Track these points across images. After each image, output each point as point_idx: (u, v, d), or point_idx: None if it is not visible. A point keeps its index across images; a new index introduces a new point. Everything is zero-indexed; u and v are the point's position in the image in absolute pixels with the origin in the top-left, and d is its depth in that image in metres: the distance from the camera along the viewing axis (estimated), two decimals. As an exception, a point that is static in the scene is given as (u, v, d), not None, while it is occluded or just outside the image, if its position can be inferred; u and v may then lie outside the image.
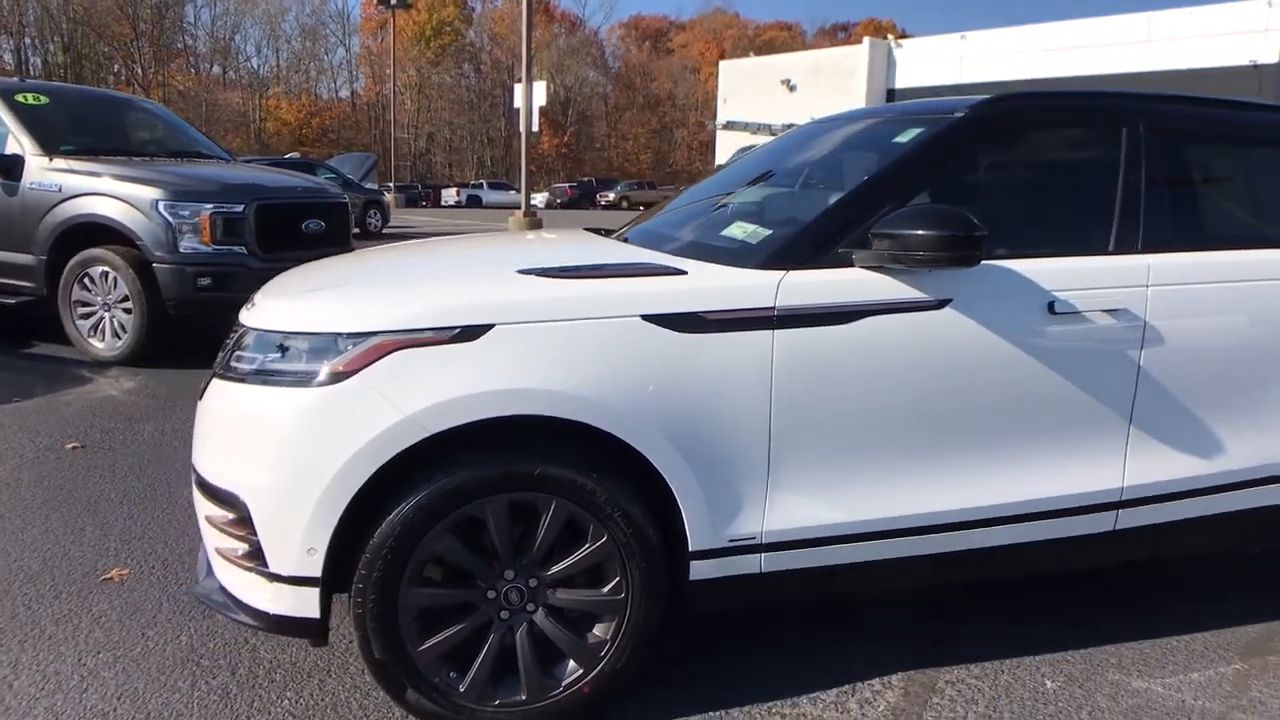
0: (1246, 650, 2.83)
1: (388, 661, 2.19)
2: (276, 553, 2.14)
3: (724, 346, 2.27)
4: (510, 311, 2.17)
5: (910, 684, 2.60)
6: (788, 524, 2.36)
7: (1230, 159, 2.85)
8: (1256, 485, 2.75)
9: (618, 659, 2.30)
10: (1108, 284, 2.53)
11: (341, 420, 2.09)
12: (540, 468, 2.17)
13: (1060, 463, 2.54)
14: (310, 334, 2.17)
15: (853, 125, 3.11)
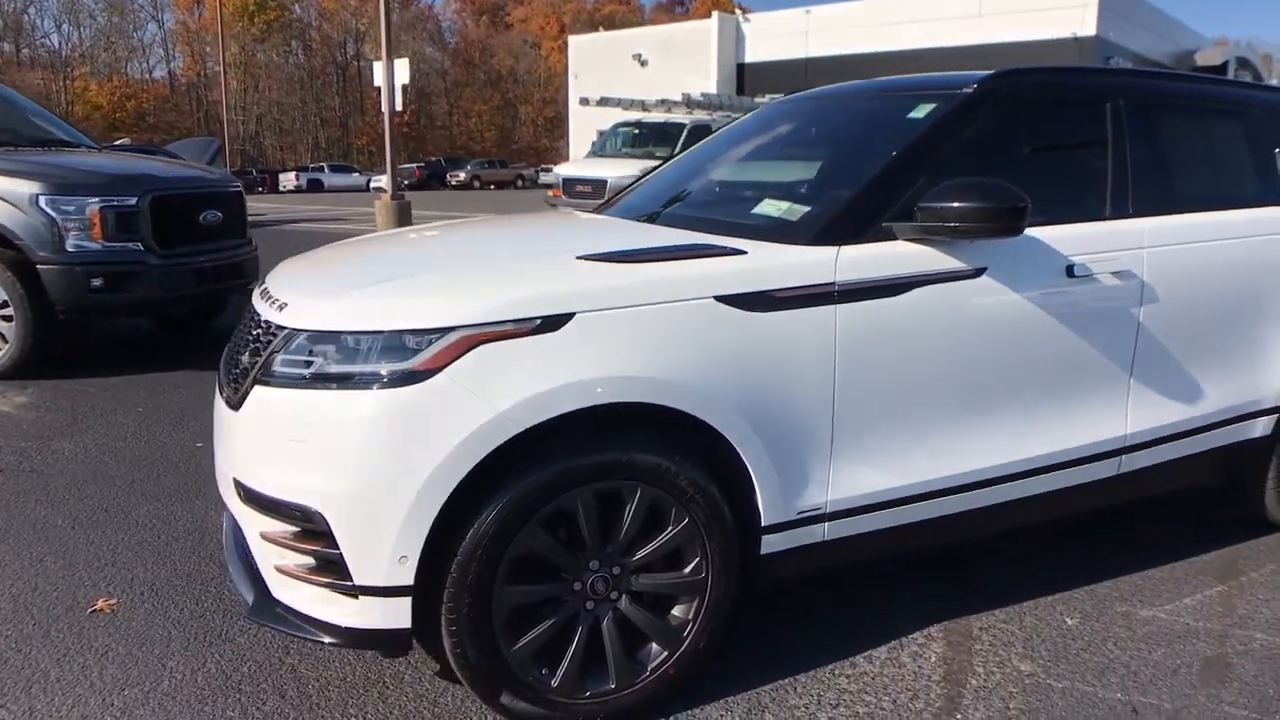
0: (1221, 574, 3.13)
1: (484, 665, 2.13)
2: (363, 564, 2.02)
3: (791, 323, 2.30)
4: (589, 299, 2.13)
5: (950, 634, 2.75)
6: (850, 492, 2.43)
7: (1196, 129, 3.11)
8: (1229, 424, 3.04)
9: (699, 638, 2.32)
10: (1114, 248, 2.72)
11: (430, 420, 1.99)
12: (628, 455, 2.15)
13: (1080, 415, 2.73)
14: (381, 332, 2.05)
15: (850, 101, 3.19)
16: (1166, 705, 2.39)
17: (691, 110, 15.70)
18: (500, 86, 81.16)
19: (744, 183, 3.17)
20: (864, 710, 2.37)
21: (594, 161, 14.90)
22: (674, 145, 14.45)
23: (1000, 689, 2.46)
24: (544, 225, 3.17)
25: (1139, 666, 2.57)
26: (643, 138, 15.22)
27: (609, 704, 2.25)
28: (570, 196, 14.49)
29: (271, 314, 2.28)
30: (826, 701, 2.41)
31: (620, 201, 3.46)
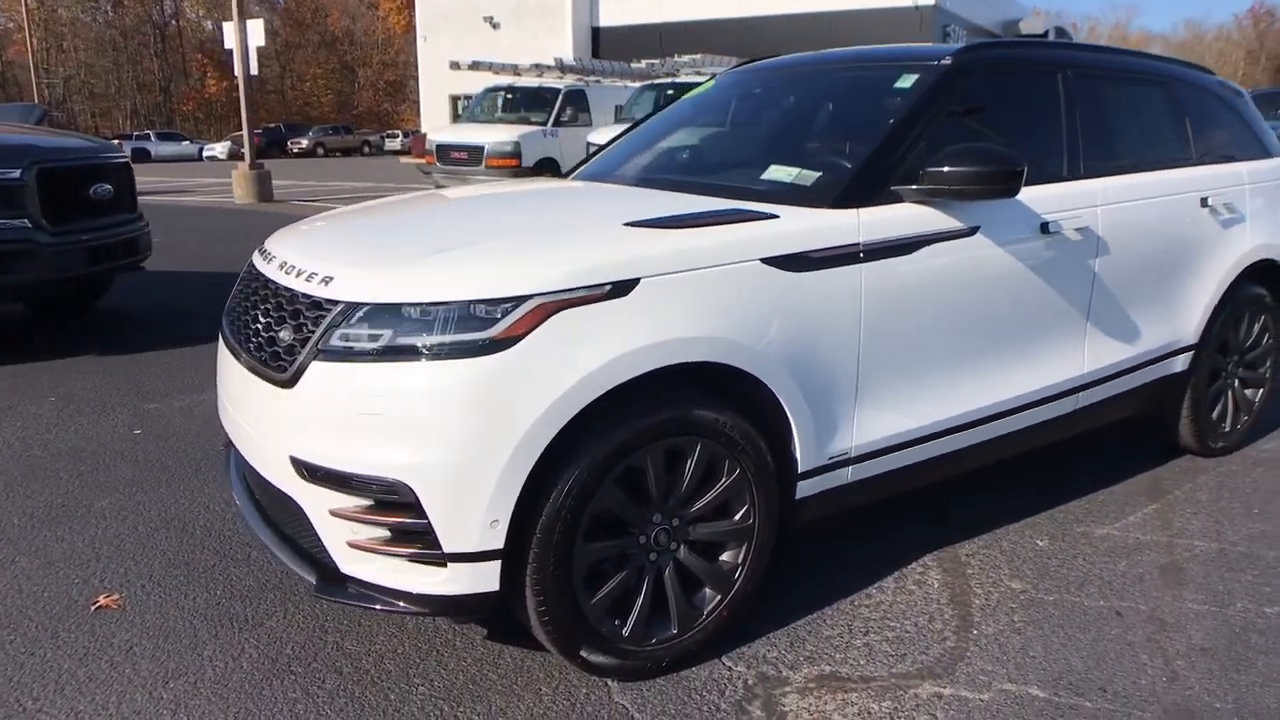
0: (1150, 494, 3.55)
1: (567, 621, 2.20)
2: (453, 531, 2.05)
3: (824, 282, 2.46)
4: (652, 264, 2.21)
5: (942, 562, 3.01)
6: (871, 436, 2.63)
7: (1128, 97, 3.45)
8: (1159, 360, 3.44)
9: (748, 581, 2.47)
10: (1076, 206, 3.02)
11: (517, 386, 2.04)
12: (689, 412, 2.26)
13: (1050, 357, 3.03)
14: (457, 302, 2.06)
15: (828, 71, 3.36)
16: (1143, 607, 2.73)
17: (564, 75, 15.59)
18: (336, 49, 77.30)
19: (738, 148, 3.29)
20: (891, 634, 2.59)
21: (468, 127, 14.60)
22: (549, 110, 14.36)
23: (1001, 606, 2.74)
24: (560, 192, 3.17)
25: (1110, 577, 2.91)
26: (515, 102, 15.01)
27: (673, 648, 2.37)
28: (445, 163, 14.19)
29: (310, 287, 2.24)
30: (857, 630, 2.61)
31: (600, 168, 3.51)
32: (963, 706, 2.28)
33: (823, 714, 2.25)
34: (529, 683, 2.35)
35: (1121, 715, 2.24)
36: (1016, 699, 2.31)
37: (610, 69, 15.98)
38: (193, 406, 4.57)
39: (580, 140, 14.35)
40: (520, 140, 13.62)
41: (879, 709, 2.27)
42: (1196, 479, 3.68)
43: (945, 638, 2.58)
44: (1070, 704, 2.29)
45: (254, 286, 2.57)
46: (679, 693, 2.33)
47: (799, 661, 2.47)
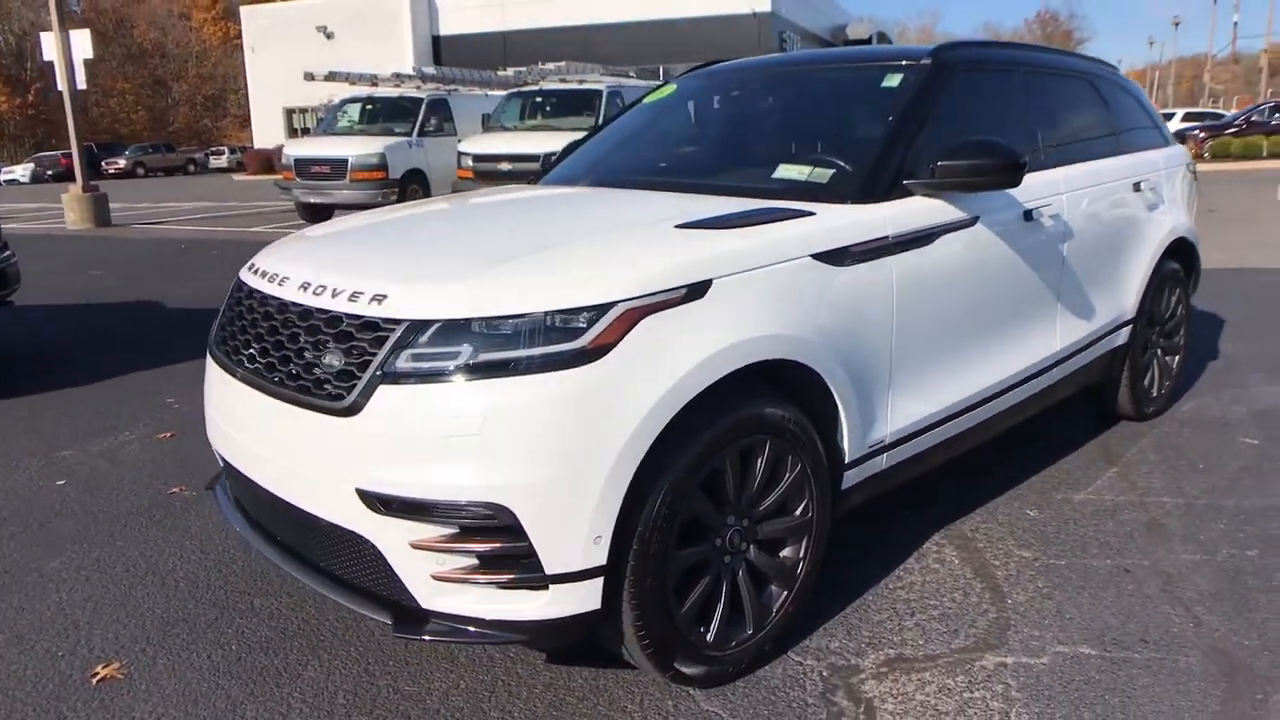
0: (1107, 459, 3.82)
1: (663, 633, 2.16)
2: (556, 551, 1.97)
3: (863, 275, 2.51)
4: (721, 265, 2.19)
5: (951, 538, 3.14)
6: (902, 423, 2.71)
7: (1068, 93, 3.70)
8: (1109, 334, 3.71)
9: (810, 575, 2.50)
10: (1048, 194, 3.21)
11: (614, 396, 1.98)
12: (761, 411, 2.26)
13: (1036, 334, 3.22)
14: (539, 314, 1.98)
15: (808, 72, 3.43)
16: (1145, 563, 2.94)
17: (425, 83, 15.18)
18: (146, 62, 72.20)
19: (735, 149, 3.30)
20: (936, 612, 2.68)
21: (327, 140, 13.98)
22: (413, 120, 13.96)
23: (1023, 573, 2.88)
24: (574, 197, 3.05)
25: (1105, 538, 3.11)
26: (375, 113, 14.51)
27: (749, 649, 2.37)
28: (305, 179, 13.55)
29: (358, 307, 2.10)
30: (902, 612, 2.68)
31: (584, 173, 3.43)
32: (1029, 672, 2.38)
33: (905, 695, 2.30)
34: (612, 701, 2.29)
35: (1170, 662, 2.40)
36: (1073, 659, 2.43)
37: (473, 77, 15.70)
38: (113, 450, 4.17)
39: (447, 150, 14.05)
40: (386, 151, 13.19)
41: (955, 684, 2.34)
42: (1139, 442, 3.98)
43: (985, 610, 2.69)
44: (1122, 658, 2.43)
45: (265, 310, 2.38)
46: (762, 693, 2.32)
47: (862, 649, 2.51)
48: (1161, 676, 2.35)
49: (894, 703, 2.28)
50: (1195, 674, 2.35)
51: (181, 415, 4.64)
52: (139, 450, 4.17)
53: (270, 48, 33.08)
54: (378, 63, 21.74)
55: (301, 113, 32.68)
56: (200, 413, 2.81)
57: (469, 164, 12.56)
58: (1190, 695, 2.27)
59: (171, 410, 4.74)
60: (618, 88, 13.57)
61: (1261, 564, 2.90)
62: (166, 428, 4.46)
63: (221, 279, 9.05)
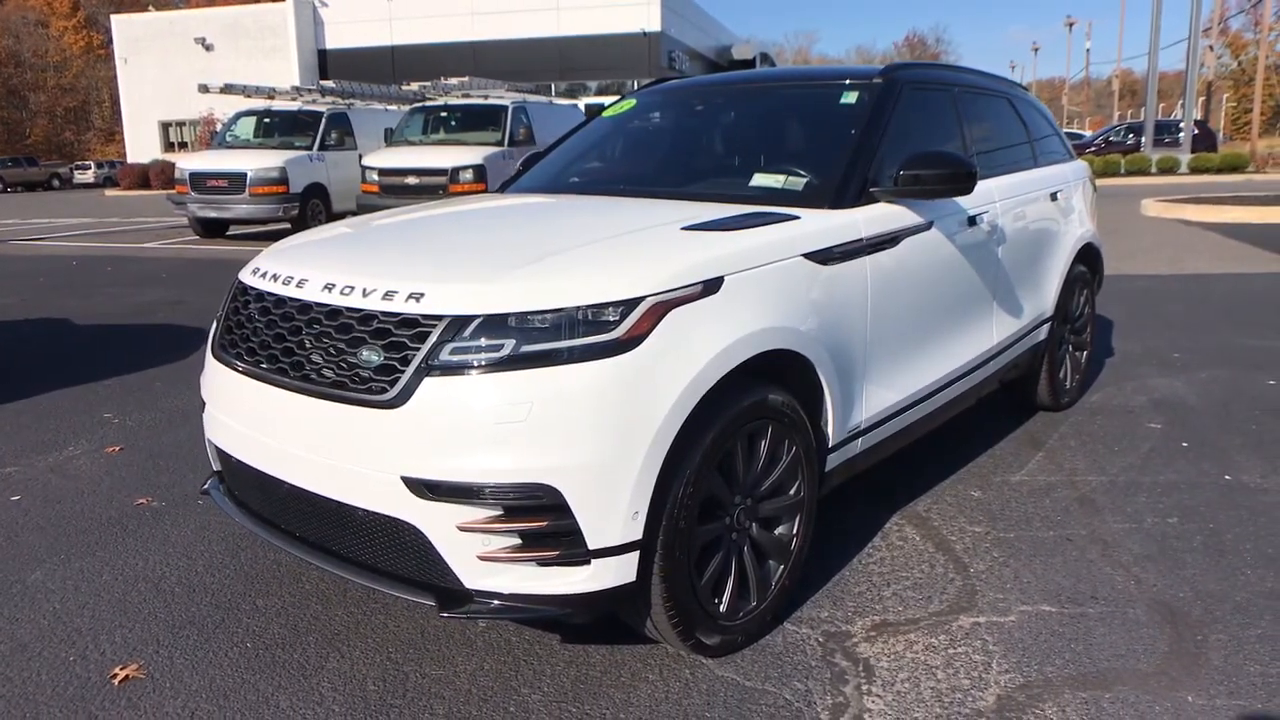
0: (1032, 444, 4.19)
1: (687, 605, 2.32)
2: (599, 528, 2.11)
3: (844, 273, 2.76)
4: (730, 263, 2.39)
5: (908, 518, 3.41)
6: (873, 410, 2.96)
7: (991, 110, 4.07)
8: (1033, 331, 4.08)
9: (801, 549, 2.71)
10: (985, 202, 3.55)
11: (649, 381, 2.14)
12: (765, 397, 2.46)
13: (978, 331, 3.54)
14: (576, 307, 2.13)
15: (768, 89, 3.68)
16: (1083, 533, 3.28)
17: (324, 97, 14.90)
18: (0, 72, 67.87)
19: (707, 160, 3.50)
20: (909, 582, 2.93)
21: (223, 154, 13.56)
22: (313, 133, 13.71)
23: (979, 546, 3.17)
24: (563, 205, 3.18)
25: (1045, 513, 3.44)
26: (273, 126, 14.16)
27: (755, 619, 2.56)
28: (200, 193, 13.12)
29: (394, 305, 2.20)
30: (878, 583, 2.92)
31: (555, 183, 3.58)
32: (1000, 629, 2.65)
33: (896, 654, 2.53)
34: (634, 673, 2.43)
35: (1119, 614, 2.72)
36: (1036, 616, 2.72)
37: (373, 92, 15.52)
38: (61, 465, 4.04)
39: (349, 165, 13.86)
40: (287, 165, 12.90)
41: (938, 642, 2.59)
42: (1059, 429, 4.38)
43: (952, 578, 2.96)
44: (1078, 613, 2.73)
45: (284, 312, 2.44)
46: (769, 658, 2.51)
47: (850, 616, 2.73)
48: (1115, 626, 2.65)
49: (887, 660, 2.50)
50: (1143, 623, 2.67)
51: (125, 429, 4.52)
52: (89, 464, 4.05)
53: (144, 59, 31.68)
54: (260, 77, 21.22)
55: (180, 126, 31.42)
56: (145, 425, 2.82)
57: (374, 178, 12.43)
58: (1142, 640, 2.58)
59: (112, 425, 4.61)
60: (522, 103, 13.70)
61: (1182, 529, 3.28)
62: (112, 442, 4.35)
63: (125, 295, 8.78)
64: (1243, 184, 21.83)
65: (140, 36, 31.86)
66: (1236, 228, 12.40)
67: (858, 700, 2.33)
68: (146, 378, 5.57)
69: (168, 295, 8.78)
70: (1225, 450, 4.06)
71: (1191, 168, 25.20)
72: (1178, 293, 7.98)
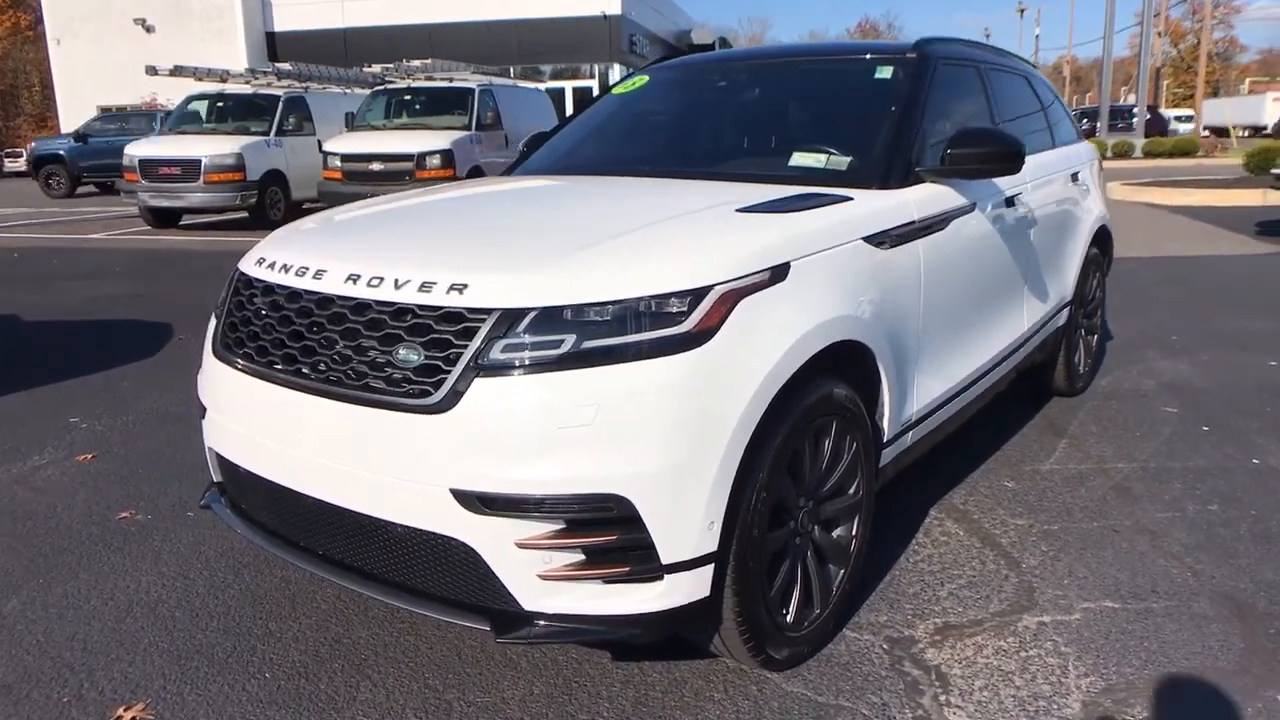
0: (1054, 431, 4.09)
1: (758, 618, 2.15)
2: (672, 540, 1.93)
3: (899, 256, 2.59)
4: (795, 248, 2.21)
5: (947, 512, 3.28)
6: (923, 401, 2.81)
7: (1014, 89, 3.93)
8: (1056, 315, 3.97)
9: (860, 550, 2.55)
10: (1019, 182, 3.41)
11: (722, 378, 1.96)
12: (832, 391, 2.29)
13: (1013, 315, 3.42)
14: (640, 298, 1.93)
15: (794, 65, 3.49)
16: (1126, 522, 3.17)
17: (279, 80, 14.35)
18: (-99, 51, 64.75)
19: (740, 137, 3.31)
20: (963, 581, 2.79)
21: (176, 139, 13.00)
22: (270, 118, 13.22)
23: (1025, 539, 3.05)
24: (595, 185, 2.95)
25: (1084, 503, 3.33)
26: (228, 111, 13.62)
27: (819, 627, 2.39)
28: (151, 180, 12.57)
29: (432, 298, 1.98)
30: (931, 583, 2.78)
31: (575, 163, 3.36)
32: (1068, 629, 2.52)
33: (967, 660, 2.39)
34: (698, 691, 2.26)
35: (1185, 609, 2.61)
36: (1101, 613, 2.59)
37: (333, 75, 15.00)
38: (28, 477, 3.74)
39: (308, 151, 13.40)
40: (243, 152, 12.41)
41: (1007, 645, 2.45)
42: (1078, 415, 4.29)
43: (1006, 575, 2.83)
44: (1143, 608, 2.61)
45: (300, 306, 2.20)
46: (836, 670, 2.35)
47: (910, 620, 2.58)
48: (1184, 622, 2.54)
49: (960, 668, 2.36)
50: (1210, 617, 2.56)
51: (95, 435, 4.21)
52: (60, 475, 3.75)
53: (79, 40, 30.45)
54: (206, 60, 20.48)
55: (121, 111, 30.31)
56: (118, 430, 2.57)
57: (337, 164, 12.02)
58: (1215, 637, 2.47)
59: (81, 430, 4.29)
60: (489, 85, 13.35)
61: (1225, 516, 3.19)
62: (82, 449, 4.04)
63: (78, 289, 8.32)
64: (1195, 168, 22.24)
65: (74, 17, 30.53)
66: (1201, 210, 12.57)
67: (938, 713, 2.18)
68: (113, 378, 5.23)
69: (125, 288, 8.36)
70: (1246, 433, 3.99)
71: (1145, 152, 25.62)
72: (1161, 275, 7.99)
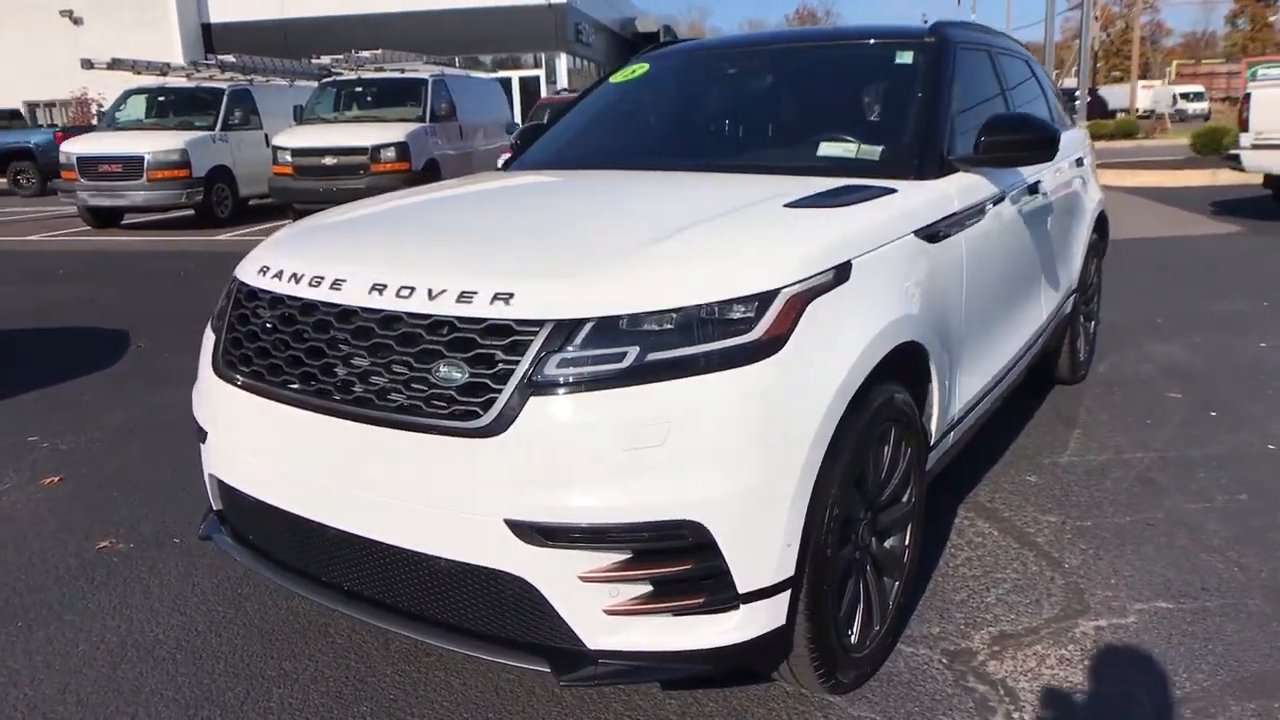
0: (1064, 421, 4.02)
1: (829, 643, 2.01)
2: (750, 567, 1.78)
3: (947, 250, 2.47)
4: (854, 245, 2.07)
5: (975, 511, 3.17)
6: (964, 399, 2.70)
7: (1018, 72, 3.83)
8: (1065, 302, 3.90)
9: (913, 560, 2.43)
10: (1039, 168, 3.31)
11: (796, 389, 1.81)
12: (894, 396, 2.15)
13: (1033, 306, 3.33)
14: (705, 304, 1.77)
15: (805, 51, 3.34)
16: (1159, 515, 3.10)
17: (222, 72, 13.81)
18: None
19: (756, 127, 3.15)
20: (1008, 585, 2.69)
21: (115, 136, 12.42)
22: (215, 112, 12.72)
23: (1060, 538, 2.96)
24: (616, 180, 2.75)
25: (1112, 496, 3.26)
26: (169, 105, 13.06)
27: (879, 645, 2.27)
28: (90, 179, 12.01)
29: (474, 309, 1.80)
30: (977, 590, 2.67)
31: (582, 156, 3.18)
32: (1126, 633, 2.43)
33: (1032, 671, 2.28)
34: None
35: (1240, 606, 2.53)
36: (1157, 615, 2.51)
37: (278, 66, 14.48)
38: (-11, 504, 3.45)
39: (255, 145, 12.93)
40: (188, 147, 11.91)
41: (1070, 654, 2.35)
42: (1084, 404, 4.24)
43: (1050, 577, 2.73)
44: (1198, 608, 2.54)
45: (317, 320, 2.00)
46: (899, 689, 2.23)
47: (964, 630, 2.47)
48: (1244, 622, 2.46)
49: (1026, 680, 2.25)
50: (1270, 615, 2.49)
51: (59, 455, 3.92)
52: (25, 501, 3.47)
53: (6, 34, 29.16)
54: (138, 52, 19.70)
55: (48, 107, 29.11)
56: (83, 449, 2.38)
57: (287, 159, 11.60)
58: (1279, 636, 2.40)
59: (42, 450, 4.00)
60: (442, 76, 13.00)
61: (1256, 506, 3.14)
62: (46, 471, 3.75)
63: (21, 294, 7.86)
64: (1136, 149, 22.73)
65: (-2, 9, 29.25)
66: (1156, 191, 12.78)
67: (1014, 733, 2.07)
68: (72, 390, 4.91)
69: (73, 293, 7.93)
70: (1254, 418, 3.97)
71: (1089, 134, 26.08)
72: (1133, 257, 8.04)
